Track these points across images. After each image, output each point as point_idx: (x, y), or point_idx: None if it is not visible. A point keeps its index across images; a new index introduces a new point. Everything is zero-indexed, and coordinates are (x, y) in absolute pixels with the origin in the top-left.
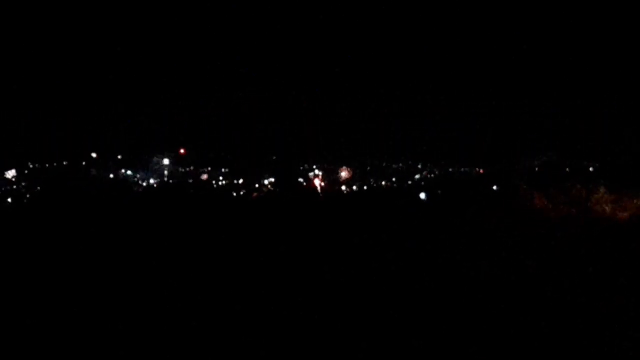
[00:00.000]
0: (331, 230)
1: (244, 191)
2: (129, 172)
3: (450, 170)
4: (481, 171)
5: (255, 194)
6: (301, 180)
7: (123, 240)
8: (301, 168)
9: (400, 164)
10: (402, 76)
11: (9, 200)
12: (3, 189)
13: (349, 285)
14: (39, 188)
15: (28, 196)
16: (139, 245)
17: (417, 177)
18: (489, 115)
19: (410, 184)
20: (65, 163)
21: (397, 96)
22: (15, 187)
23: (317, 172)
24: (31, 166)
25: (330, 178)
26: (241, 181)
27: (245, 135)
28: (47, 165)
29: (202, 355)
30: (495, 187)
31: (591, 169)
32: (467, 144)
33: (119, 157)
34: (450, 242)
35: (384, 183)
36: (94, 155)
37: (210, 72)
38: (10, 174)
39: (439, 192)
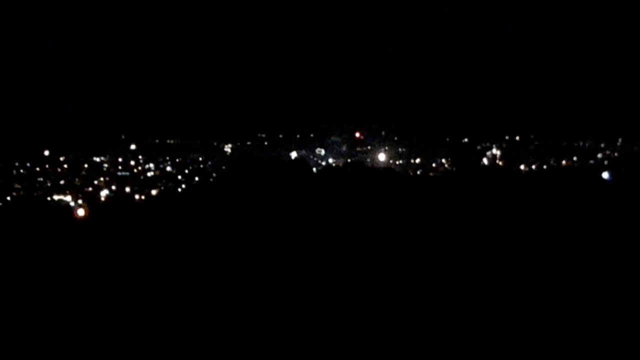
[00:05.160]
0: (506, 211)
1: (420, 170)
2: (306, 151)
3: (636, 148)
4: None
5: (431, 173)
6: (480, 158)
7: (296, 218)
8: (478, 147)
9: (582, 142)
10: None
11: (196, 178)
12: (190, 167)
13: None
14: (223, 167)
15: (214, 175)
16: (310, 222)
17: (600, 155)
18: None
19: (592, 163)
20: (248, 143)
21: (577, 73)
22: (201, 166)
23: (494, 150)
24: (215, 144)
25: (510, 156)
26: (417, 160)
27: (421, 113)
28: (235, 144)
29: None
30: None
31: None
32: None
33: (297, 136)
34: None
35: (564, 162)
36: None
37: (386, 54)
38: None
39: (624, 171)
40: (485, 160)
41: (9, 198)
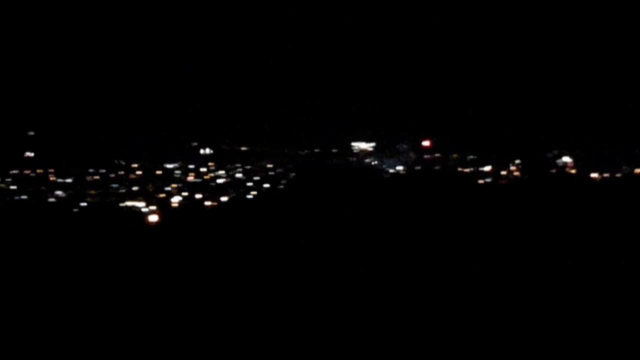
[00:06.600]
0: (578, 219)
1: (491, 178)
2: (376, 159)
3: None
4: None
5: (501, 181)
6: (550, 166)
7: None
8: (549, 154)
9: None
10: None
11: (266, 185)
12: (260, 174)
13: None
14: (292, 174)
15: (284, 181)
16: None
17: None
18: None
19: None
20: (317, 150)
21: None
22: (271, 172)
23: (565, 158)
24: (285, 150)
25: (581, 163)
26: (487, 168)
27: (491, 119)
28: (304, 151)
29: None
30: None
31: None
32: None
33: (366, 143)
34: None
35: (637, 169)
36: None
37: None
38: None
39: None
40: (556, 168)
41: (83, 204)
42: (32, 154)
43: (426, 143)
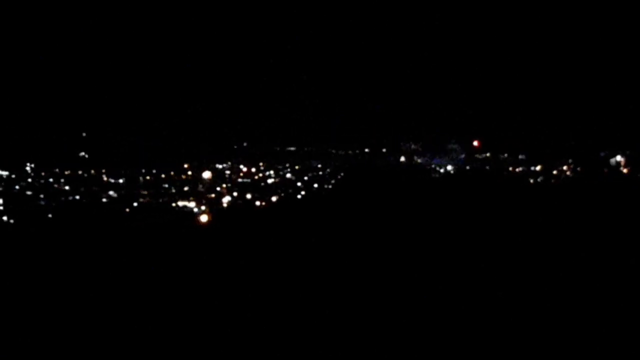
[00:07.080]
0: (630, 221)
1: (542, 177)
2: (426, 159)
3: None
4: None
5: (553, 181)
6: (603, 165)
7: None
8: (602, 153)
9: None
10: None
11: (315, 185)
12: (310, 174)
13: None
14: (342, 174)
15: (333, 182)
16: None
17: None
18: None
19: None
20: (366, 150)
21: None
22: (320, 173)
23: (618, 157)
24: (334, 151)
25: (635, 163)
26: (538, 167)
27: (541, 118)
28: (354, 151)
29: None
30: None
31: None
32: None
33: (415, 143)
34: None
35: None
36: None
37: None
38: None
39: None
40: (608, 168)
41: (135, 204)
42: (85, 155)
43: (476, 142)
